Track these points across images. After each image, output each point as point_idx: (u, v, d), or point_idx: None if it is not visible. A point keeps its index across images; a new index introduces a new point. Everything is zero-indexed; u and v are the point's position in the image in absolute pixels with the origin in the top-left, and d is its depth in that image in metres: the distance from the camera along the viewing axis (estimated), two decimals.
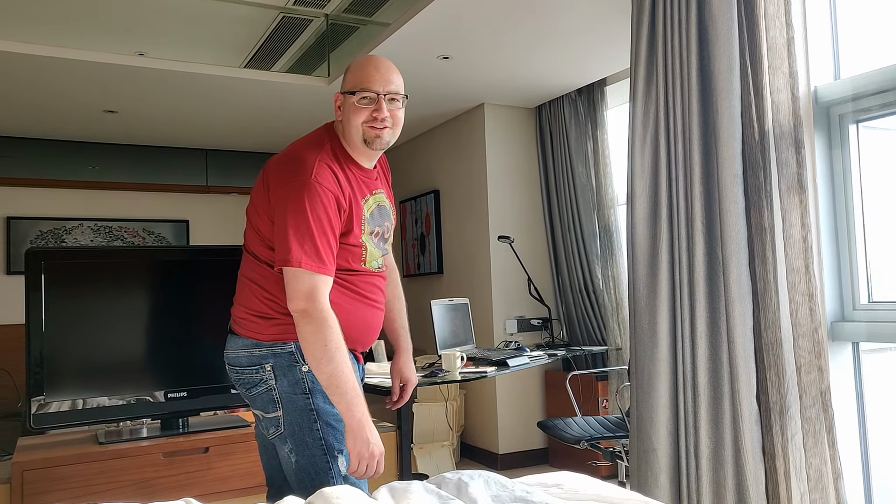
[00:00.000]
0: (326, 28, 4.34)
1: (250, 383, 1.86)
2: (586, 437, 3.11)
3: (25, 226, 5.48)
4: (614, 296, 4.42)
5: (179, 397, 2.57)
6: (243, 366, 1.87)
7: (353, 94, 1.86)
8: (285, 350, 1.83)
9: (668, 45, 2.78)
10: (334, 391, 1.72)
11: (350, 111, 1.87)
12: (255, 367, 1.84)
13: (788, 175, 2.41)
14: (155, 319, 2.59)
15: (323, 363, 1.71)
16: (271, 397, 1.83)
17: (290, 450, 1.83)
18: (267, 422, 1.86)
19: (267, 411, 1.85)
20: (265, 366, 1.83)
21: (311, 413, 1.82)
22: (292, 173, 1.79)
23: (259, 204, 1.88)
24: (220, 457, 2.49)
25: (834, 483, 2.29)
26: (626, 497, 1.61)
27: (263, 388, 1.84)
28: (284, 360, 1.83)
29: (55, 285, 2.42)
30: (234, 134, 5.61)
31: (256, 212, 1.89)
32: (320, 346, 1.71)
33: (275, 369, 1.82)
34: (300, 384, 1.82)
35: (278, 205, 1.78)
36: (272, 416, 1.84)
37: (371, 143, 1.88)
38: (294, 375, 1.82)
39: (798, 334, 2.38)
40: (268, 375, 1.83)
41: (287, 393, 1.82)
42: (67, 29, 4.19)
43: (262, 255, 1.87)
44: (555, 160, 4.83)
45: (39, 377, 2.37)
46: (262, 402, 1.85)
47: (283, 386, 1.82)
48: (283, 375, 1.82)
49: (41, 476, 2.26)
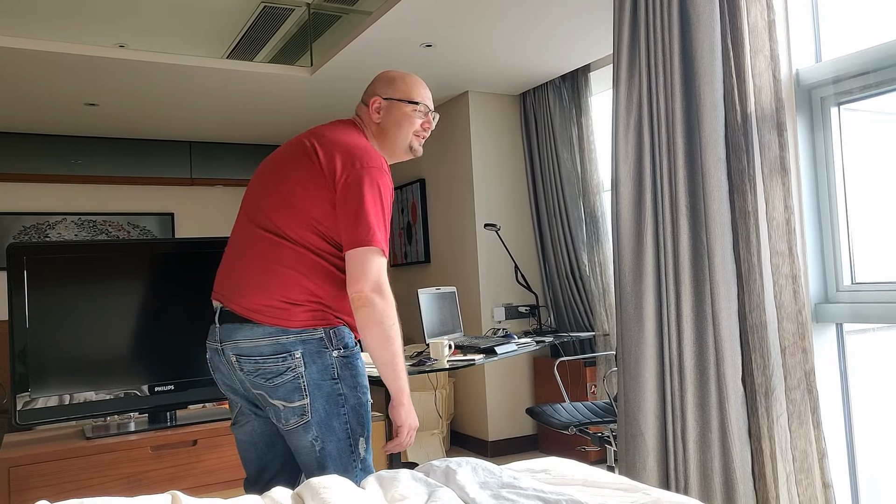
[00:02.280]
0: (308, 17, 4.31)
1: (273, 373, 1.80)
2: (575, 422, 3.13)
3: (8, 221, 5.43)
4: (601, 281, 4.44)
5: (166, 391, 2.56)
6: (265, 355, 1.81)
7: (410, 104, 1.99)
8: (315, 336, 1.81)
9: (650, 29, 2.78)
10: (394, 368, 1.81)
11: (403, 118, 1.99)
12: (281, 355, 1.80)
13: (771, 158, 2.42)
14: (141, 313, 2.57)
15: (390, 342, 1.79)
16: (297, 385, 1.80)
17: (315, 437, 1.81)
18: (289, 411, 1.81)
19: (291, 400, 1.81)
20: (293, 353, 1.79)
21: (339, 398, 1.83)
22: (367, 160, 1.82)
23: (311, 188, 1.83)
24: (208, 449, 2.48)
25: (819, 463, 2.32)
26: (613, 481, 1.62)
27: (290, 377, 1.80)
28: (314, 347, 1.81)
29: (38, 281, 2.40)
30: (218, 126, 5.57)
31: (307, 197, 1.83)
32: (388, 324, 1.78)
33: (304, 356, 1.80)
34: (329, 370, 1.82)
35: (352, 188, 1.79)
36: (297, 404, 1.81)
37: (415, 151, 2.03)
38: (324, 361, 1.82)
39: (782, 316, 2.40)
40: (296, 363, 1.80)
41: (315, 380, 1.81)
42: (46, 21, 4.14)
43: (304, 241, 1.83)
44: (540, 147, 4.83)
45: (24, 373, 2.35)
46: (285, 391, 1.81)
47: (312, 373, 1.81)
48: (312, 362, 1.81)
49: (28, 472, 2.25)
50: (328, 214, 1.82)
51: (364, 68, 4.24)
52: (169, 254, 2.67)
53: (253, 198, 1.94)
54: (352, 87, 4.63)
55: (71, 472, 2.30)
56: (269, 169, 1.94)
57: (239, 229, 1.94)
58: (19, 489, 2.23)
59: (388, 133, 1.99)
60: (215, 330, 1.90)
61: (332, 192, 1.81)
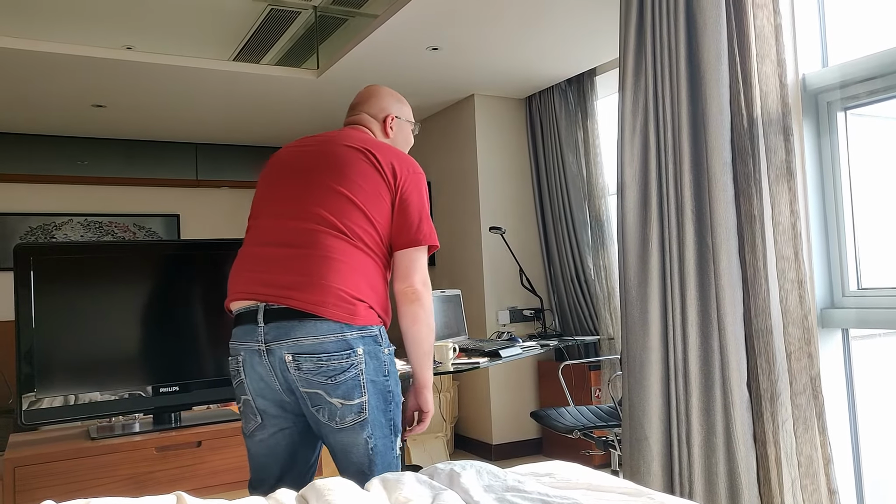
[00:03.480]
0: (315, 20, 4.32)
1: (338, 370, 1.78)
2: (579, 426, 3.12)
3: (14, 222, 5.45)
4: (606, 285, 4.43)
5: (171, 392, 2.57)
6: (330, 352, 1.77)
7: (410, 124, 2.20)
8: (371, 333, 1.84)
9: (656, 33, 2.78)
10: (430, 357, 1.97)
11: (409, 137, 2.20)
12: (346, 351, 1.78)
13: (777, 162, 2.42)
14: (146, 314, 2.58)
15: (432, 335, 1.94)
16: (358, 382, 1.79)
17: (370, 434, 1.82)
18: (346, 409, 1.79)
19: (351, 398, 1.79)
20: (357, 350, 1.79)
21: (388, 395, 1.87)
22: (412, 163, 1.99)
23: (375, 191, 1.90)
24: (212, 450, 2.49)
25: (824, 468, 2.31)
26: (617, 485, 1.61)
27: (353, 374, 1.79)
28: (371, 344, 1.83)
29: (45, 281, 2.41)
30: (224, 127, 5.58)
31: (369, 199, 1.88)
32: (432, 318, 1.93)
33: (365, 353, 1.81)
34: (382, 367, 1.86)
35: (411, 193, 1.93)
36: (356, 401, 1.80)
37: None
38: (379, 358, 1.85)
39: (788, 321, 2.39)
40: (359, 360, 1.80)
41: (371, 377, 1.82)
42: (54, 23, 4.15)
43: (365, 239, 1.87)
44: (545, 150, 4.83)
45: (30, 373, 2.36)
46: (346, 388, 1.79)
47: (370, 370, 1.82)
48: (370, 359, 1.82)
49: (33, 472, 2.25)
50: (386, 216, 1.90)
51: (370, 71, 4.25)
52: (174, 255, 2.68)
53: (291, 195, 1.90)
54: (357, 90, 4.64)
55: (76, 472, 2.30)
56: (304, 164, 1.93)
57: (274, 227, 1.89)
58: (25, 489, 2.23)
59: (401, 149, 2.13)
60: (256, 329, 1.81)
61: (392, 195, 1.91)
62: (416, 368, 1.97)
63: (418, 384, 2.00)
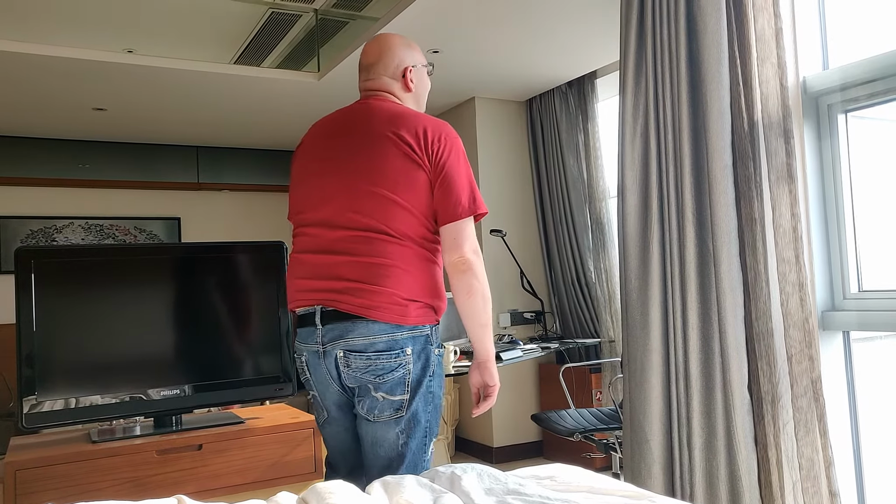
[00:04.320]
0: (316, 23, 4.33)
1: (386, 369, 1.83)
2: (580, 429, 3.12)
3: (15, 225, 5.46)
4: (607, 288, 4.43)
5: (172, 395, 2.57)
6: (380, 351, 1.83)
7: (425, 67, 2.09)
8: (423, 333, 1.86)
9: (657, 36, 2.78)
10: (489, 329, 1.91)
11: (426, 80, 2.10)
12: (395, 351, 1.83)
13: (778, 165, 2.42)
14: (147, 317, 2.58)
15: (488, 304, 1.89)
16: (403, 380, 1.84)
17: (402, 430, 1.85)
18: (386, 403, 1.85)
19: (394, 394, 1.85)
20: (406, 349, 1.84)
21: (429, 395, 1.89)
22: (445, 128, 1.90)
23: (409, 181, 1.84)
24: (213, 454, 2.48)
25: (826, 471, 2.31)
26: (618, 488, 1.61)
27: (400, 373, 1.84)
28: (421, 344, 1.86)
29: (45, 284, 2.41)
30: (225, 130, 5.59)
31: (406, 190, 1.84)
32: (487, 288, 1.88)
33: (413, 353, 1.85)
34: (428, 367, 1.88)
35: (447, 159, 1.85)
36: (397, 398, 1.85)
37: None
38: (426, 359, 1.87)
39: (789, 324, 2.39)
40: (407, 359, 1.84)
41: (418, 376, 1.86)
42: (55, 26, 4.16)
43: (412, 234, 1.85)
44: (546, 153, 4.83)
45: (31, 377, 2.36)
46: (391, 385, 1.84)
47: (417, 370, 1.86)
48: (418, 359, 1.86)
49: (34, 475, 2.25)
50: (427, 199, 1.86)
51: None
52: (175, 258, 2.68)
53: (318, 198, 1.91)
54: (358, 93, 4.64)
55: (77, 475, 2.30)
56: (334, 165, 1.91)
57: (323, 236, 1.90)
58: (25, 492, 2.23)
59: (421, 98, 2.08)
60: (315, 331, 1.88)
61: (429, 172, 1.86)
62: (475, 342, 1.92)
63: (481, 358, 1.94)
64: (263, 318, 2.73)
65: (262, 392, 2.71)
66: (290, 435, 2.61)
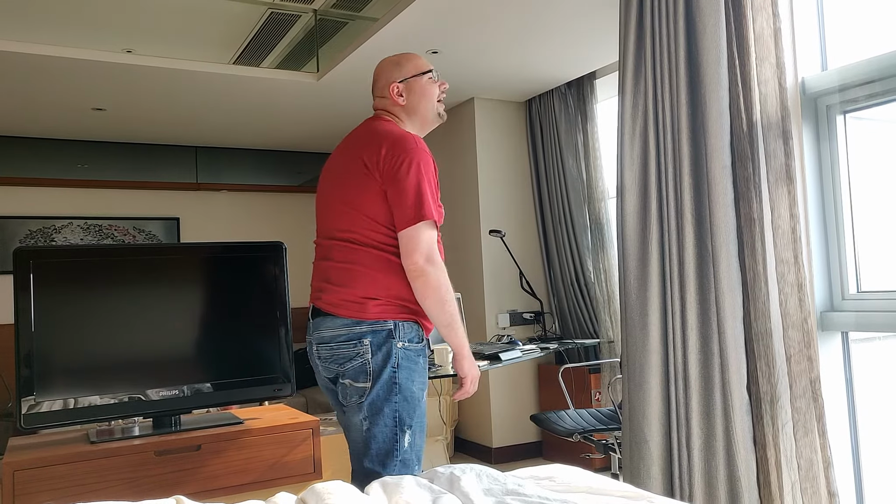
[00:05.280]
0: (315, 23, 4.33)
1: (346, 357, 2.02)
2: (579, 429, 3.12)
3: (14, 225, 5.45)
4: (606, 288, 4.43)
5: (171, 395, 2.57)
6: (340, 342, 2.03)
7: (424, 74, 2.16)
8: (385, 328, 2.01)
9: (656, 37, 2.78)
10: (453, 328, 2.02)
11: (425, 89, 2.16)
12: (353, 341, 2.01)
13: (776, 166, 2.42)
14: (145, 317, 2.58)
15: (447, 304, 1.99)
16: (365, 369, 2.00)
17: (365, 417, 2.00)
18: (353, 389, 2.02)
19: (357, 380, 2.01)
20: (363, 340, 2.00)
21: (393, 385, 2.00)
22: (401, 143, 2.00)
23: (366, 189, 2.02)
24: (212, 454, 2.48)
25: (824, 472, 2.31)
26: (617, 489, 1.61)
27: (358, 362, 2.01)
28: (381, 337, 2.00)
29: (44, 284, 2.41)
30: (224, 131, 5.58)
31: (367, 201, 2.02)
32: (444, 289, 1.98)
33: (371, 344, 2.00)
34: (391, 358, 2.00)
35: (396, 172, 1.97)
36: (360, 385, 2.01)
37: (442, 116, 2.22)
38: (388, 350, 2.00)
39: (788, 324, 2.39)
40: (364, 349, 2.00)
41: (379, 366, 2.00)
42: (54, 26, 4.16)
43: (372, 240, 2.02)
44: (545, 154, 4.83)
45: (29, 377, 2.36)
46: (353, 372, 2.02)
47: (377, 360, 2.00)
48: (378, 350, 2.00)
49: (33, 476, 2.25)
50: (386, 208, 2.01)
51: (370, 74, 4.25)
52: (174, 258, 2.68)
53: (321, 213, 2.18)
54: (358, 93, 4.65)
55: (75, 476, 2.30)
56: (328, 184, 2.16)
57: (319, 240, 2.17)
58: (24, 493, 2.23)
59: (418, 108, 2.16)
60: (309, 326, 2.14)
61: (383, 184, 2.00)
62: (445, 339, 2.08)
63: (454, 353, 2.10)
64: (262, 319, 2.73)
65: (260, 392, 2.71)
66: (289, 435, 2.61)
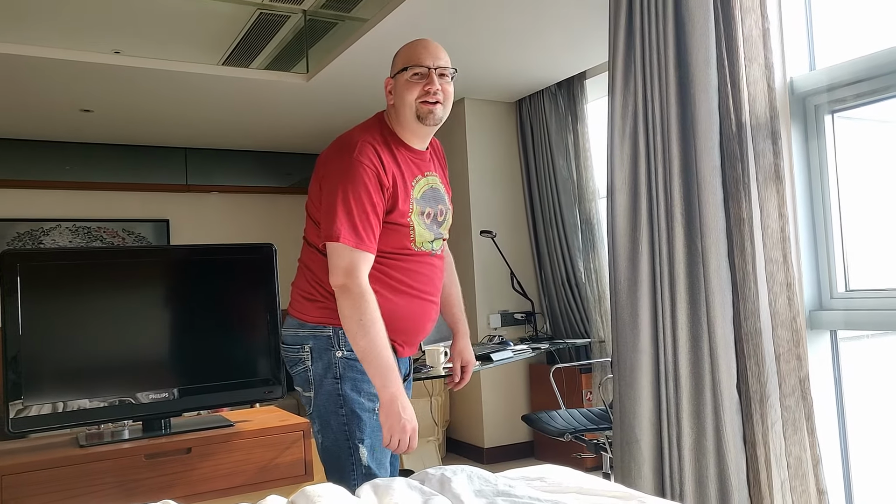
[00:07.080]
0: (304, 24, 4.32)
1: (292, 361, 1.97)
2: (571, 429, 3.12)
3: (2, 228, 5.41)
4: (597, 288, 4.44)
5: (161, 398, 2.55)
6: (288, 344, 1.97)
7: (404, 72, 1.91)
8: (325, 333, 1.91)
9: (645, 37, 2.79)
10: (368, 365, 1.80)
11: (403, 89, 1.91)
12: (297, 346, 1.94)
13: (765, 166, 2.43)
14: (135, 320, 2.56)
15: (359, 337, 1.78)
16: (307, 377, 1.93)
17: (318, 430, 1.93)
18: (304, 399, 1.96)
19: (304, 389, 1.95)
20: (305, 346, 1.92)
21: (338, 398, 1.89)
22: (336, 154, 1.88)
23: (313, 194, 1.96)
24: (202, 457, 2.47)
25: (813, 469, 2.32)
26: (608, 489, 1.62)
27: (301, 368, 1.94)
28: (322, 344, 1.91)
29: (32, 287, 2.39)
30: (214, 132, 5.56)
31: (312, 202, 1.97)
32: (356, 319, 1.78)
33: (312, 351, 1.91)
34: (332, 368, 1.90)
35: (325, 184, 1.87)
36: (306, 394, 1.94)
37: (424, 118, 1.92)
38: (328, 359, 1.90)
39: (777, 324, 2.40)
40: (306, 356, 1.92)
41: (320, 375, 1.90)
42: (41, 27, 4.13)
43: (316, 243, 1.95)
44: (536, 154, 4.84)
45: (17, 381, 2.34)
46: (300, 380, 1.96)
47: (318, 368, 1.91)
48: (318, 358, 1.91)
49: (21, 481, 2.24)
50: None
51: (360, 75, 4.25)
52: (164, 261, 2.67)
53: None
54: (347, 94, 4.64)
55: (64, 480, 2.28)
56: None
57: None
58: (12, 498, 2.21)
59: (399, 109, 1.94)
60: None
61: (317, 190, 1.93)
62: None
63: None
64: (252, 321, 2.72)
65: (251, 395, 2.70)
66: (280, 438, 2.60)
